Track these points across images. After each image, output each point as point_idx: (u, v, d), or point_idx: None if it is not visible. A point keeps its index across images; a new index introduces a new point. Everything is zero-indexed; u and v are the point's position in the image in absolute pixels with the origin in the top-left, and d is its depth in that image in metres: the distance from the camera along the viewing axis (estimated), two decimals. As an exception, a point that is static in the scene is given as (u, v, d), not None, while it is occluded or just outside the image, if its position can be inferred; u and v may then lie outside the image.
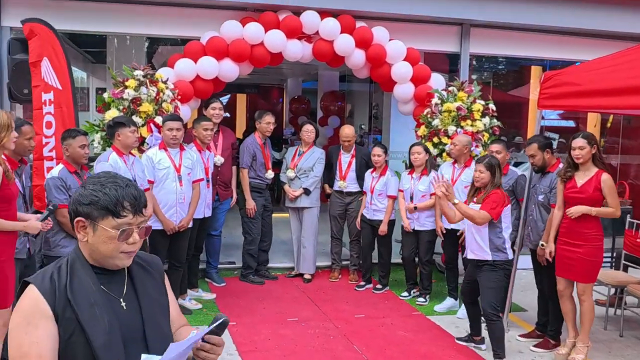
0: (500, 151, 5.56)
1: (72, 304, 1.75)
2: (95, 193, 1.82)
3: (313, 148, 7.09)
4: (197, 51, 6.47)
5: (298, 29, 6.66)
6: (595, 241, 4.77)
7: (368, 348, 5.15)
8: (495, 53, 8.50)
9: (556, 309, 5.18)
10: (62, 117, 5.66)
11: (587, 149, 4.69)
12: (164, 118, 5.62)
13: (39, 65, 5.60)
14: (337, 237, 7.27)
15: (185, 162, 5.60)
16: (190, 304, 6.02)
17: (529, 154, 5.20)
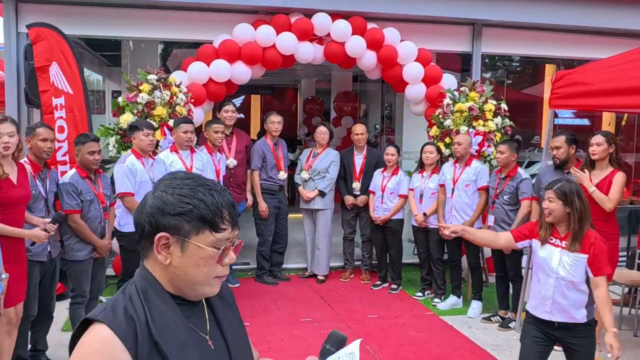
0: (504, 151, 5.57)
1: (159, 348, 1.33)
2: (186, 200, 1.40)
3: (327, 149, 7.13)
4: (209, 54, 6.54)
5: (309, 31, 6.71)
6: (612, 239, 4.74)
7: (380, 348, 5.17)
8: (507, 52, 8.49)
9: None
10: (75, 121, 5.75)
11: (603, 146, 4.68)
12: (177, 121, 5.69)
13: (47, 70, 5.70)
14: (350, 238, 7.31)
15: (197, 164, 5.69)
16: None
17: (555, 145, 5.12)
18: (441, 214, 6.16)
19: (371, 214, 6.85)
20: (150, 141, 5.13)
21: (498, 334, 5.60)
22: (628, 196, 8.13)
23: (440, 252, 6.44)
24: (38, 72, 5.77)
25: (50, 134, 4.45)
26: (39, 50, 5.75)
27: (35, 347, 4.58)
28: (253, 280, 7.14)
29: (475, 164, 6.07)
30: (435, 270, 6.47)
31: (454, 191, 6.11)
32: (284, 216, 7.13)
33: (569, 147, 5.11)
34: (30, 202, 4.21)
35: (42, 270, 4.37)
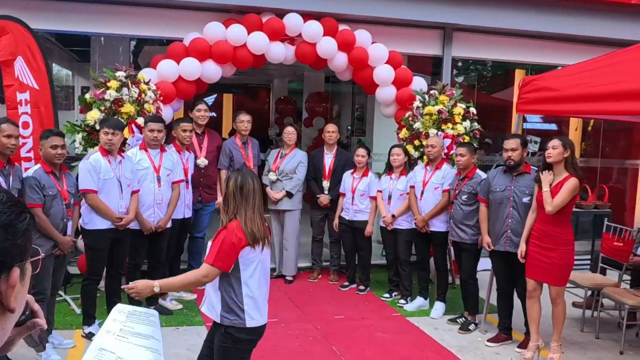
0: (464, 154, 5.63)
1: None
2: None
3: (295, 150, 7.12)
4: (179, 52, 6.49)
5: (281, 31, 6.69)
6: (568, 245, 4.83)
7: (347, 349, 5.18)
8: (478, 57, 8.56)
9: (508, 305, 5.35)
10: (40, 117, 5.66)
11: (559, 149, 4.74)
12: (146, 119, 5.64)
13: (11, 64, 5.59)
14: (318, 238, 7.32)
15: (166, 164, 5.63)
16: (171, 304, 6.04)
17: (511, 147, 5.13)
18: (416, 211, 6.19)
19: (336, 216, 6.88)
20: (108, 140, 4.96)
21: (464, 335, 5.65)
22: (593, 200, 8.27)
23: (407, 254, 6.48)
24: (2, 66, 5.65)
25: (15, 131, 4.38)
26: (3, 43, 5.63)
27: None
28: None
29: (445, 168, 6.12)
30: (402, 271, 6.50)
31: (423, 193, 6.15)
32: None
33: (523, 149, 5.18)
34: None
35: None
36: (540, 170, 4.93)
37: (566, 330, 5.82)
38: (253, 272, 3.22)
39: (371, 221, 6.68)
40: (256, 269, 3.23)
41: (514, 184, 5.21)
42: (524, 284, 5.20)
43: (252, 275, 3.21)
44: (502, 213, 5.24)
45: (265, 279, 3.33)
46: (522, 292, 5.27)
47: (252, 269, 3.20)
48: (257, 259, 3.22)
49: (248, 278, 3.20)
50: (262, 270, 3.27)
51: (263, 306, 3.33)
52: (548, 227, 4.83)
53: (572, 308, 6.26)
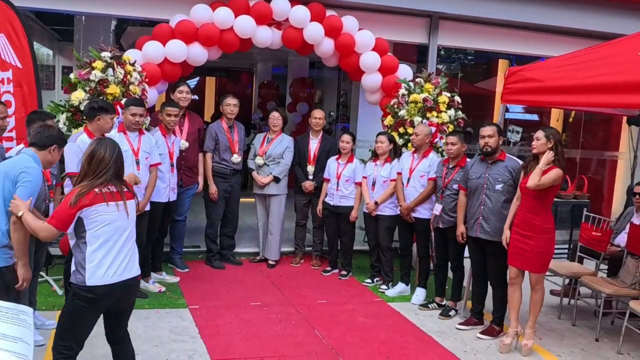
0: (456, 142, 5.67)
1: None
2: None
3: (282, 135, 7.12)
4: (165, 34, 6.43)
5: (268, 16, 6.66)
6: (547, 233, 4.91)
7: (329, 333, 5.23)
8: (463, 46, 8.60)
9: (500, 296, 5.36)
10: (23, 96, 5.57)
11: (542, 141, 4.81)
12: (127, 102, 5.55)
13: None
14: (302, 223, 7.35)
15: (144, 146, 5.54)
16: (154, 286, 6.03)
17: (487, 134, 5.19)
18: (401, 198, 6.24)
19: (320, 201, 6.92)
20: (112, 125, 5.04)
21: (444, 321, 5.73)
22: (572, 191, 8.39)
23: (389, 240, 6.53)
24: None
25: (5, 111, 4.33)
26: None
27: None
28: (204, 264, 7.11)
29: (432, 156, 6.16)
30: (383, 257, 6.56)
31: (409, 180, 6.20)
32: (234, 200, 7.09)
33: (498, 136, 5.24)
34: None
35: None
36: (529, 161, 5.00)
37: (544, 317, 5.95)
38: (99, 231, 3.31)
39: (356, 207, 6.72)
40: (103, 228, 3.32)
41: (488, 171, 5.27)
42: (494, 270, 5.31)
43: (98, 234, 3.31)
44: (476, 200, 5.32)
45: (118, 234, 3.39)
46: (493, 278, 5.37)
47: (97, 228, 3.30)
48: (106, 219, 3.32)
49: (92, 237, 3.30)
50: (113, 228, 3.36)
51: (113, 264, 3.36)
52: (529, 216, 4.91)
53: (550, 296, 6.38)
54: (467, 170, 5.44)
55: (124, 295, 3.46)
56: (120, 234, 3.40)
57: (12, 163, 3.81)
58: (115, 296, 3.39)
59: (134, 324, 5.06)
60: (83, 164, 3.38)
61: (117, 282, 3.35)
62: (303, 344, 4.99)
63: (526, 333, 5.11)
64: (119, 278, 3.36)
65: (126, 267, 3.42)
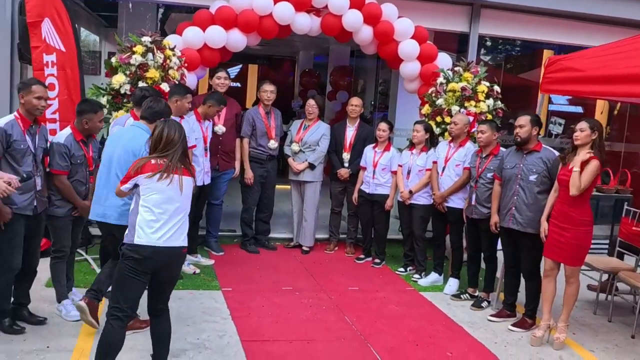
0: (485, 131, 5.61)
1: None
2: None
3: (318, 122, 7.16)
4: (205, 20, 6.51)
5: (307, 2, 6.67)
6: (584, 226, 4.81)
7: (359, 320, 5.25)
8: (505, 35, 8.45)
9: (533, 289, 5.28)
10: (66, 79, 5.71)
11: (587, 132, 4.71)
12: (182, 90, 5.55)
13: (38, 26, 5.62)
14: (337, 211, 7.37)
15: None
16: (189, 268, 6.14)
17: (519, 123, 5.14)
18: (436, 187, 6.22)
19: (356, 189, 6.93)
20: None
21: (476, 312, 5.69)
22: (614, 185, 8.19)
23: (423, 229, 6.51)
24: (30, 28, 5.69)
25: (45, 92, 4.44)
26: (31, 5, 5.66)
27: (17, 300, 4.62)
28: (239, 248, 7.21)
29: (469, 146, 6.11)
30: (416, 246, 6.54)
31: (444, 170, 6.16)
32: (270, 186, 7.16)
33: (532, 127, 5.14)
34: (18, 156, 4.25)
35: (27, 225, 4.40)
36: (567, 152, 4.91)
37: (579, 312, 5.85)
38: (151, 197, 3.58)
39: (392, 195, 6.71)
40: (154, 195, 3.58)
41: (523, 162, 5.20)
42: (527, 262, 5.24)
43: (149, 200, 3.58)
44: (509, 190, 5.25)
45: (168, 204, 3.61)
46: (526, 270, 5.30)
47: (149, 194, 3.58)
48: (160, 188, 3.58)
49: (144, 202, 3.58)
50: (164, 198, 3.59)
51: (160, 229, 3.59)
52: (566, 208, 4.82)
53: (587, 291, 6.27)
54: (502, 160, 5.38)
55: (168, 263, 3.65)
56: (172, 205, 3.61)
57: (131, 138, 4.28)
58: (159, 260, 3.59)
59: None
60: (154, 142, 3.67)
61: (161, 246, 3.56)
62: (332, 330, 5.03)
63: (559, 327, 5.03)
64: (164, 243, 3.57)
65: (172, 235, 3.62)
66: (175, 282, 3.89)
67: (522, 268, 5.35)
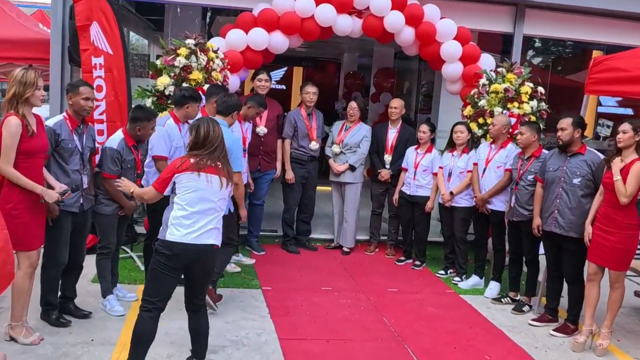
0: (524, 132, 5.55)
1: None
2: None
3: (360, 124, 7.18)
4: (248, 22, 6.61)
5: (349, 4, 6.70)
6: (630, 229, 4.70)
7: (397, 321, 5.25)
8: (550, 35, 8.30)
9: (575, 293, 5.18)
10: (113, 81, 5.88)
11: (629, 134, 4.63)
12: (221, 90, 5.57)
13: (87, 29, 5.81)
14: (378, 212, 7.37)
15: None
16: (230, 267, 6.23)
17: (561, 126, 5.08)
18: (477, 189, 6.17)
19: (397, 190, 6.91)
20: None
21: (516, 316, 5.61)
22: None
23: (464, 232, 6.45)
24: (79, 31, 5.89)
25: (92, 93, 4.57)
26: (80, 9, 5.86)
27: (64, 294, 4.78)
28: (279, 248, 7.28)
29: (510, 147, 6.04)
30: (457, 249, 6.49)
31: (485, 171, 6.10)
32: (311, 186, 7.21)
33: (574, 129, 5.04)
34: (66, 155, 4.40)
35: (74, 221, 4.55)
36: (611, 155, 4.81)
37: (625, 319, 5.72)
38: (185, 195, 3.65)
39: (432, 197, 6.69)
40: (190, 194, 3.65)
41: (566, 164, 5.10)
42: (570, 266, 5.14)
43: (184, 198, 3.65)
44: (552, 193, 5.16)
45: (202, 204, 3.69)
46: (568, 274, 5.20)
47: (185, 192, 3.65)
48: (195, 186, 3.66)
49: (179, 200, 3.66)
50: (198, 196, 3.66)
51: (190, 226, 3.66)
52: (611, 211, 4.72)
53: (634, 297, 6.11)
54: (545, 162, 5.30)
55: (198, 260, 3.73)
56: (205, 204, 3.68)
57: None
58: (190, 257, 3.68)
59: (207, 300, 5.30)
60: (193, 140, 3.73)
61: (191, 243, 3.64)
62: (370, 330, 5.04)
63: (602, 333, 4.92)
64: (194, 240, 3.65)
65: (203, 234, 3.69)
66: (210, 276, 3.99)
67: (565, 272, 5.26)
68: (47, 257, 4.49)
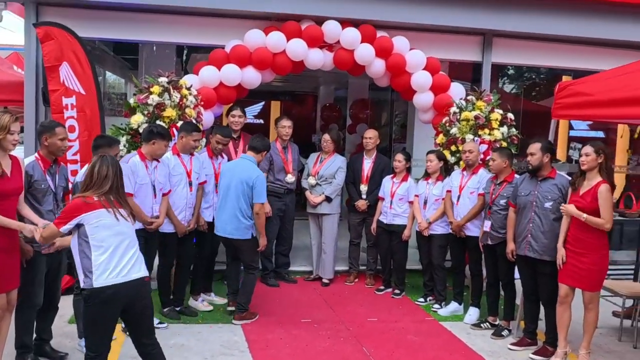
0: (495, 159, 5.65)
1: None
2: None
3: (334, 155, 7.24)
4: (221, 59, 6.69)
5: (319, 38, 6.82)
6: (602, 250, 4.79)
7: (377, 351, 5.24)
8: (518, 62, 8.51)
9: (552, 316, 5.20)
10: (86, 120, 5.89)
11: (592, 156, 4.74)
12: (189, 127, 5.75)
13: (56, 70, 5.83)
14: (356, 242, 7.39)
15: (195, 168, 5.84)
16: (203, 305, 6.16)
17: (530, 152, 5.18)
18: (451, 215, 6.23)
19: (374, 219, 6.95)
20: (167, 150, 5.45)
21: (496, 340, 5.63)
22: (637, 209, 8.08)
23: (442, 259, 6.49)
24: (47, 72, 5.90)
25: (66, 134, 4.59)
26: (47, 49, 5.87)
27: (40, 336, 4.72)
28: (259, 281, 7.23)
29: (482, 172, 6.13)
30: (436, 276, 6.52)
31: (459, 198, 6.17)
32: (289, 219, 7.23)
33: (543, 154, 5.14)
34: (39, 196, 4.39)
35: (49, 262, 4.51)
36: (576, 177, 4.92)
37: (603, 338, 5.75)
38: (101, 235, 3.54)
39: (409, 225, 6.72)
40: (104, 232, 3.54)
41: (537, 189, 5.19)
42: (545, 289, 5.20)
43: (100, 238, 3.53)
44: (525, 217, 5.24)
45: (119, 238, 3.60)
46: (544, 297, 5.25)
47: (99, 232, 3.53)
48: (106, 225, 3.55)
49: (94, 241, 3.53)
50: (114, 232, 3.57)
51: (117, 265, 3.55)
52: (580, 233, 4.81)
53: (612, 317, 6.16)
54: (517, 187, 5.38)
55: (134, 296, 3.62)
56: (122, 239, 3.60)
57: (243, 169, 5.68)
58: (125, 296, 3.56)
59: (186, 337, 5.29)
60: (86, 177, 3.67)
61: (122, 282, 3.53)
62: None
63: (580, 354, 4.96)
64: (124, 279, 3.54)
65: (131, 269, 3.60)
66: (150, 313, 3.84)
67: (541, 295, 5.30)
68: (21, 298, 4.42)
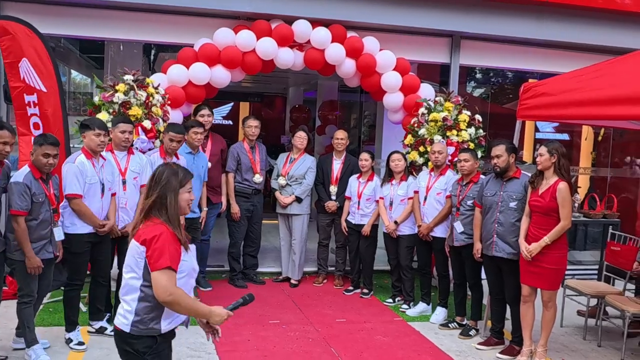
0: (469, 159, 5.66)
1: None
2: None
3: (304, 156, 7.20)
4: (189, 57, 6.61)
5: (290, 38, 6.79)
6: (560, 250, 4.87)
7: (345, 351, 5.22)
8: (485, 64, 8.60)
9: (518, 315, 5.25)
10: (47, 119, 5.73)
11: (545, 156, 4.84)
12: (116, 119, 5.41)
13: (16, 66, 5.61)
14: (324, 243, 7.37)
15: (132, 166, 5.37)
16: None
17: (495, 154, 5.21)
18: (418, 217, 6.24)
19: (342, 219, 6.94)
20: (100, 142, 4.88)
21: (464, 340, 5.66)
22: (601, 210, 8.21)
23: (409, 260, 6.51)
24: (7, 68, 5.67)
25: (11, 138, 4.41)
26: (6, 45, 5.66)
27: None
28: (227, 283, 7.19)
29: (449, 174, 6.15)
30: (404, 277, 6.53)
31: (426, 199, 6.19)
32: (257, 220, 7.17)
33: (509, 155, 5.20)
34: None
35: None
36: (534, 176, 4.99)
37: (568, 337, 5.83)
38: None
39: (370, 222, 6.72)
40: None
41: (503, 189, 5.24)
42: (511, 288, 5.25)
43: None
44: (490, 217, 5.28)
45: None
46: (510, 296, 5.31)
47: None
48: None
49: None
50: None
51: None
52: (540, 232, 4.88)
53: (576, 316, 6.25)
54: (482, 187, 5.42)
55: None
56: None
57: None
58: None
59: (151, 339, 5.16)
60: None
61: None
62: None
63: (537, 352, 5.03)
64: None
65: None
66: None
67: (507, 295, 5.35)
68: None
